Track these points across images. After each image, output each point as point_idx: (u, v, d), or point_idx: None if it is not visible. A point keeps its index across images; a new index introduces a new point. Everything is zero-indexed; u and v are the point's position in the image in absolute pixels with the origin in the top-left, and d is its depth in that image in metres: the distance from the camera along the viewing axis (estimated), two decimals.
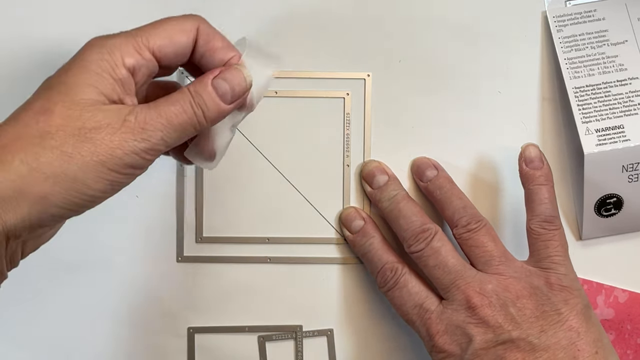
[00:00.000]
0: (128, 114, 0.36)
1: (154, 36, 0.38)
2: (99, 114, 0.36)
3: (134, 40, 0.38)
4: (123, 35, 0.38)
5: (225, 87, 0.39)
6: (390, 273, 0.47)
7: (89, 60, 0.37)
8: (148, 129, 0.36)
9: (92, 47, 0.37)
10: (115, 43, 0.37)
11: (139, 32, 0.38)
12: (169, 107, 0.37)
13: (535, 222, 0.47)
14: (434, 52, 0.51)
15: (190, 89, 0.38)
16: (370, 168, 0.50)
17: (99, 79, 0.37)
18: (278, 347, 0.52)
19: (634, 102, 0.49)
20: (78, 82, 0.36)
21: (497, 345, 0.43)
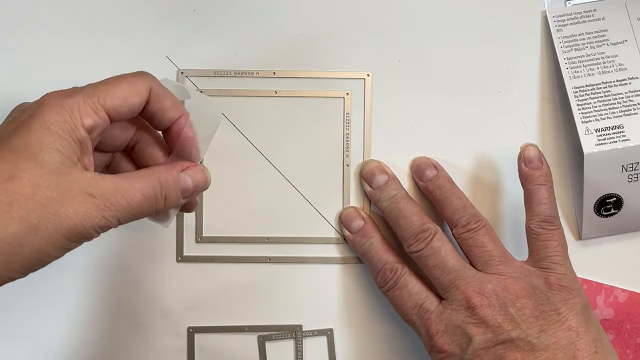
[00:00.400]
0: (93, 187, 0.37)
1: (111, 97, 0.39)
2: (64, 185, 0.36)
3: (92, 101, 0.38)
4: (80, 94, 0.38)
5: (189, 184, 0.42)
6: (390, 273, 0.47)
7: (51, 122, 0.37)
8: (110, 208, 0.38)
9: (52, 107, 0.37)
10: (74, 104, 0.38)
11: (95, 91, 0.39)
12: (135, 194, 0.39)
13: (534, 222, 0.47)
14: (434, 52, 0.51)
15: (161, 179, 0.40)
16: (370, 168, 0.50)
17: (62, 142, 0.37)
18: (278, 347, 0.52)
19: (633, 102, 0.49)
20: (42, 146, 0.36)
21: (497, 346, 0.43)
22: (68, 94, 0.38)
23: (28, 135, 0.37)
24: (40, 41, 0.51)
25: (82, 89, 0.39)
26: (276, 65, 0.51)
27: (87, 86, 0.39)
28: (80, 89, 0.39)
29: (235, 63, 0.51)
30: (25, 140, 0.36)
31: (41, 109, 0.37)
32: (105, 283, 0.51)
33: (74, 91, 0.39)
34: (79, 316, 0.51)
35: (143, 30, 0.50)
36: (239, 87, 0.51)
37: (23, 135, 0.37)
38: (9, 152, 0.36)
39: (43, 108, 0.37)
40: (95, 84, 0.39)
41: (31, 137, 0.37)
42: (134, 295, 0.51)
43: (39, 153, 0.36)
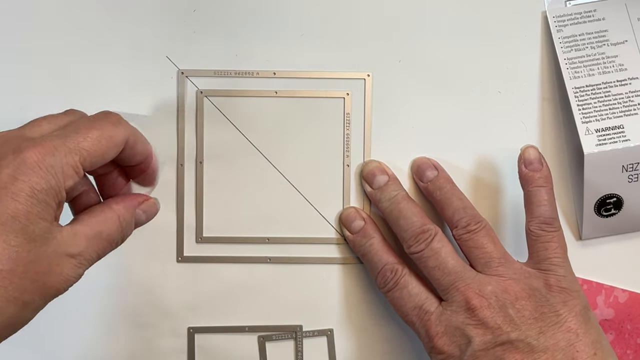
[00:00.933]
0: (71, 246, 0.37)
1: (91, 155, 0.38)
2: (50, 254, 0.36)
3: (73, 160, 0.37)
4: (62, 152, 0.37)
5: (143, 219, 0.43)
6: (390, 274, 0.47)
7: (38, 190, 0.35)
8: (84, 264, 0.39)
9: (36, 171, 0.36)
10: (58, 166, 0.36)
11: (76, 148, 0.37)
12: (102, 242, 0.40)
13: (534, 224, 0.47)
14: (434, 52, 0.51)
15: (121, 219, 0.41)
16: (370, 168, 0.50)
17: (48, 209, 0.36)
18: (278, 347, 0.52)
19: (633, 102, 0.49)
20: (30, 217, 0.35)
21: (496, 347, 0.43)
22: (49, 151, 0.36)
23: (14, 205, 0.35)
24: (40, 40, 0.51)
25: (61, 141, 0.37)
26: (276, 65, 0.51)
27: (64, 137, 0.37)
28: (58, 140, 0.37)
29: (235, 63, 0.51)
30: (12, 209, 0.35)
31: (24, 170, 0.35)
32: (105, 283, 0.51)
33: (54, 146, 0.37)
34: (79, 316, 0.51)
35: (143, 30, 0.50)
36: (239, 87, 0.51)
37: (9, 203, 0.35)
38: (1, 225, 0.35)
39: (26, 171, 0.35)
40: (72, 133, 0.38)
41: (18, 207, 0.35)
42: (134, 295, 0.51)
43: (28, 226, 0.35)
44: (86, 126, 0.38)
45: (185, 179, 0.51)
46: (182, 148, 0.51)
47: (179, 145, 0.51)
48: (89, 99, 0.50)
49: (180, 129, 0.51)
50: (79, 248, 0.38)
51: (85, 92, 0.50)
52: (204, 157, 0.51)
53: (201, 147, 0.51)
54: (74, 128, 0.38)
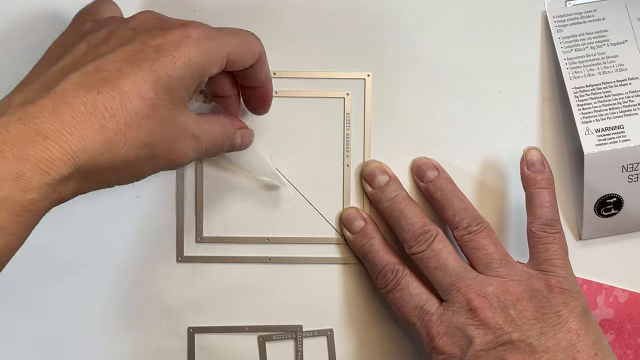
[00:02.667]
0: (196, 129, 0.41)
1: (234, 54, 0.41)
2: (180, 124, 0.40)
3: (224, 51, 0.41)
4: (217, 41, 0.40)
5: (238, 141, 0.47)
6: (390, 274, 0.47)
7: (193, 62, 0.39)
8: (200, 149, 0.42)
9: (199, 47, 0.39)
10: (215, 51, 0.40)
11: (228, 44, 0.41)
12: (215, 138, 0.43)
13: (536, 225, 0.47)
14: (434, 52, 0.51)
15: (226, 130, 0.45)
16: (370, 168, 0.50)
17: (193, 82, 0.39)
18: (278, 347, 0.52)
19: (633, 102, 0.49)
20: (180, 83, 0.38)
21: (498, 347, 0.43)
22: (209, 36, 0.40)
23: (172, 66, 0.38)
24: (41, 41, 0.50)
25: (218, 34, 0.41)
26: (276, 65, 0.51)
27: (221, 31, 0.41)
28: (216, 33, 0.41)
29: None
30: (169, 69, 0.38)
31: (189, 42, 0.39)
32: (106, 283, 0.51)
33: (212, 34, 0.40)
34: (79, 316, 0.51)
35: None
36: None
37: (167, 63, 0.38)
38: (155, 77, 0.37)
39: (189, 42, 0.39)
40: (227, 32, 0.42)
41: (175, 69, 0.38)
42: (134, 295, 0.51)
43: (174, 89, 0.38)
44: (233, 31, 0.42)
45: (185, 179, 0.51)
46: None
47: None
48: None
49: None
50: (201, 133, 0.41)
51: None
52: None
53: None
54: (223, 29, 0.42)
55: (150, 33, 0.39)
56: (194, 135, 0.41)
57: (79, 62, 0.37)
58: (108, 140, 0.35)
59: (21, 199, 0.33)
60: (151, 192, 0.51)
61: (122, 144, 0.36)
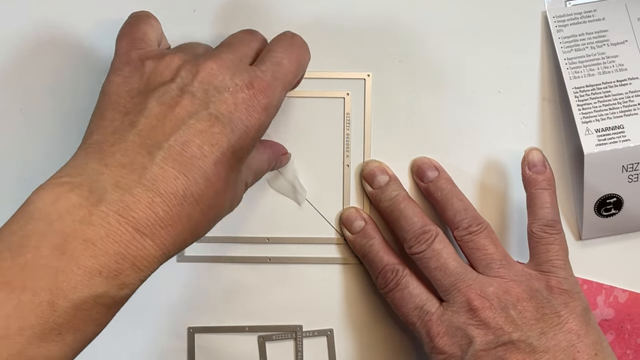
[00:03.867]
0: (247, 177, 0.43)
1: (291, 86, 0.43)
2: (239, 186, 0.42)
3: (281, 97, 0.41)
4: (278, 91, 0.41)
5: (278, 166, 0.50)
6: (391, 274, 0.47)
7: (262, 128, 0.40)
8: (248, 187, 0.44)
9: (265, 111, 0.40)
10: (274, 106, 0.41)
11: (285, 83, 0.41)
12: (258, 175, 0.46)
13: (536, 226, 0.47)
14: (434, 52, 0.51)
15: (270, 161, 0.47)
16: (371, 168, 0.50)
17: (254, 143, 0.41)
18: (278, 347, 0.52)
19: (634, 102, 0.49)
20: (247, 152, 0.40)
21: (498, 347, 0.43)
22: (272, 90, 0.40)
23: (245, 141, 0.39)
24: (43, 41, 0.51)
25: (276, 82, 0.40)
26: None
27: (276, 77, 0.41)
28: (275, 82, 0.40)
29: None
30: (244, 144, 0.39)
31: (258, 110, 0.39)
32: None
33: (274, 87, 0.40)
34: None
35: None
36: None
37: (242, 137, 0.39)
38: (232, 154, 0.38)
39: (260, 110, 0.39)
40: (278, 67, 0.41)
41: (248, 143, 0.39)
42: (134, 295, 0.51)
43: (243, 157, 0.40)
44: (289, 58, 0.42)
45: None
46: None
47: None
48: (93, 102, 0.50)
49: None
50: (250, 179, 0.44)
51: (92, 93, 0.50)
52: None
53: None
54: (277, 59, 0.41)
55: (221, 95, 0.39)
56: (247, 184, 0.44)
57: (158, 130, 0.37)
58: (194, 229, 0.38)
59: (116, 295, 0.35)
60: None
61: (203, 226, 0.39)
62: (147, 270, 0.36)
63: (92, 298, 0.34)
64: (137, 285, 0.36)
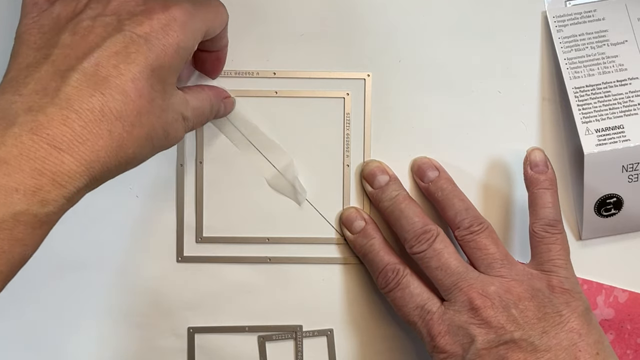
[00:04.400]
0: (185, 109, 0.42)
1: (210, 27, 0.42)
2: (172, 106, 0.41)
3: (204, 27, 0.42)
4: (197, 18, 0.41)
5: (222, 110, 0.49)
6: (391, 274, 0.47)
7: (182, 47, 0.40)
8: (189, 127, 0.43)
9: (185, 30, 0.40)
10: (196, 29, 0.41)
11: (205, 19, 0.42)
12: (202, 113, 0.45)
13: (538, 226, 0.47)
14: (434, 52, 0.51)
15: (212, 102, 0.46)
16: (371, 168, 0.50)
17: (181, 64, 0.40)
18: (278, 347, 0.52)
19: (634, 102, 0.49)
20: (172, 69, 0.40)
21: (499, 346, 0.43)
22: (192, 14, 0.40)
23: (164, 56, 0.39)
24: None
25: (198, 11, 0.41)
26: (276, 65, 0.51)
27: (197, 6, 0.41)
28: (195, 9, 0.41)
29: (235, 63, 0.51)
30: (161, 60, 0.39)
31: (174, 27, 0.39)
32: (106, 283, 0.51)
33: (193, 12, 0.40)
34: (79, 316, 0.51)
35: None
36: (239, 87, 0.51)
37: (160, 53, 0.38)
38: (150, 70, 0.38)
39: (176, 28, 0.39)
40: (201, 5, 0.42)
41: (166, 59, 0.39)
42: (134, 295, 0.51)
43: (167, 77, 0.39)
44: (206, 4, 0.42)
45: (185, 179, 0.51)
46: (182, 148, 0.51)
47: (179, 145, 0.51)
48: None
49: None
50: (189, 112, 0.43)
51: None
52: (204, 157, 0.51)
53: (201, 147, 0.51)
54: (197, 2, 0.42)
55: (135, 19, 0.39)
56: (184, 117, 0.42)
57: (71, 57, 0.37)
58: (117, 145, 0.36)
59: (38, 213, 0.34)
60: (151, 192, 0.51)
61: (129, 145, 0.37)
62: (69, 186, 0.35)
63: (11, 216, 0.33)
64: (62, 203, 0.35)
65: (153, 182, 0.51)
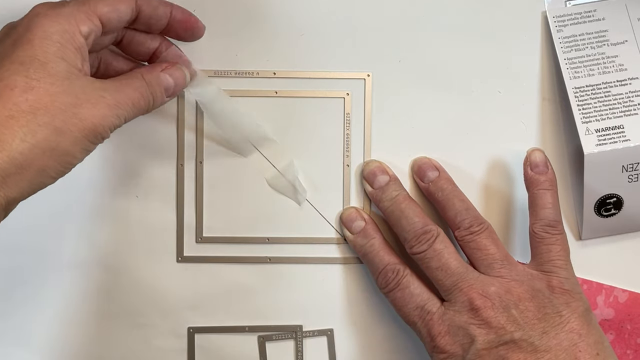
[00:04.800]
0: (102, 89, 0.40)
1: (100, 4, 0.41)
2: (77, 89, 0.39)
3: (84, 8, 0.40)
4: (72, 3, 0.40)
5: (170, 83, 0.45)
6: (392, 274, 0.47)
7: (51, 32, 0.39)
8: (119, 107, 0.41)
9: (48, 17, 0.39)
10: (69, 12, 0.40)
11: (89, 1, 0.41)
12: (133, 93, 0.42)
13: (538, 226, 0.47)
14: (434, 52, 0.51)
15: (145, 77, 0.43)
16: (371, 168, 0.50)
17: (64, 50, 0.39)
18: (278, 347, 0.52)
19: (633, 102, 0.49)
20: (48, 55, 0.39)
21: (500, 346, 0.43)
22: (59, 4, 0.40)
23: (31, 47, 0.38)
24: None
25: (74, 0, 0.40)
26: (276, 65, 0.51)
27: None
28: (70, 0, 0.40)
29: (235, 63, 0.51)
30: (29, 52, 0.38)
31: (37, 20, 0.39)
32: (105, 283, 0.51)
33: (64, 2, 0.40)
34: (79, 316, 0.51)
35: None
36: (239, 87, 0.51)
37: (26, 47, 0.38)
38: (18, 64, 0.38)
39: (39, 19, 0.39)
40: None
41: (35, 48, 0.38)
42: (134, 295, 0.51)
43: (47, 62, 0.38)
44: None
45: (185, 179, 0.51)
46: (182, 148, 0.51)
47: (179, 145, 0.51)
48: None
49: (180, 129, 0.51)
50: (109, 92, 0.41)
51: None
52: (204, 157, 0.51)
53: (201, 147, 0.51)
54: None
55: (8, 36, 0.40)
56: (102, 97, 0.40)
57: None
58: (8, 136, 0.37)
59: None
60: (151, 192, 0.51)
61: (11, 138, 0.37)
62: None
63: None
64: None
65: (153, 182, 0.51)
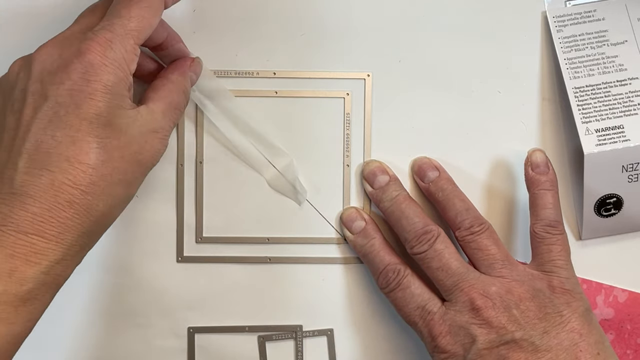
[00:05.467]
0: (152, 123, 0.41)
1: (141, 32, 0.41)
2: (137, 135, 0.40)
3: (129, 45, 0.40)
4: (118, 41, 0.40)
5: (195, 78, 0.47)
6: (392, 274, 0.47)
7: (110, 85, 0.39)
8: (166, 136, 0.43)
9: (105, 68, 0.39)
10: (121, 58, 0.40)
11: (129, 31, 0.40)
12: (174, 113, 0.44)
13: (539, 226, 0.47)
14: (434, 52, 0.51)
15: (180, 86, 0.45)
16: (371, 168, 0.50)
17: (123, 99, 0.40)
18: (278, 347, 0.52)
19: (633, 102, 0.49)
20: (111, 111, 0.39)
21: (501, 346, 0.44)
22: (107, 46, 0.39)
23: (95, 104, 0.39)
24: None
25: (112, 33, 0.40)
26: (276, 65, 0.51)
27: (112, 27, 0.40)
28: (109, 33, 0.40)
29: (235, 63, 0.51)
30: (94, 109, 0.39)
31: (93, 72, 0.39)
32: (105, 283, 0.51)
33: (108, 39, 0.39)
34: (79, 316, 0.51)
35: None
36: (239, 87, 0.51)
37: (90, 104, 0.38)
38: (87, 123, 0.38)
39: (95, 71, 0.39)
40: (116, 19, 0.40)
41: (98, 105, 0.39)
42: (134, 295, 0.51)
43: (111, 118, 0.39)
44: (124, 6, 0.41)
45: (185, 179, 0.51)
46: (182, 148, 0.51)
47: (179, 145, 0.51)
48: None
49: (180, 129, 0.51)
50: (158, 123, 0.42)
51: None
52: (204, 157, 0.51)
53: (201, 147, 0.51)
54: (115, 13, 0.41)
55: (55, 79, 0.39)
56: (154, 130, 0.42)
57: (17, 138, 0.39)
58: (84, 209, 0.38)
59: (18, 291, 0.37)
60: (151, 192, 0.51)
61: (96, 203, 0.39)
62: (44, 262, 0.37)
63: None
64: (41, 278, 0.38)
65: (153, 182, 0.51)
